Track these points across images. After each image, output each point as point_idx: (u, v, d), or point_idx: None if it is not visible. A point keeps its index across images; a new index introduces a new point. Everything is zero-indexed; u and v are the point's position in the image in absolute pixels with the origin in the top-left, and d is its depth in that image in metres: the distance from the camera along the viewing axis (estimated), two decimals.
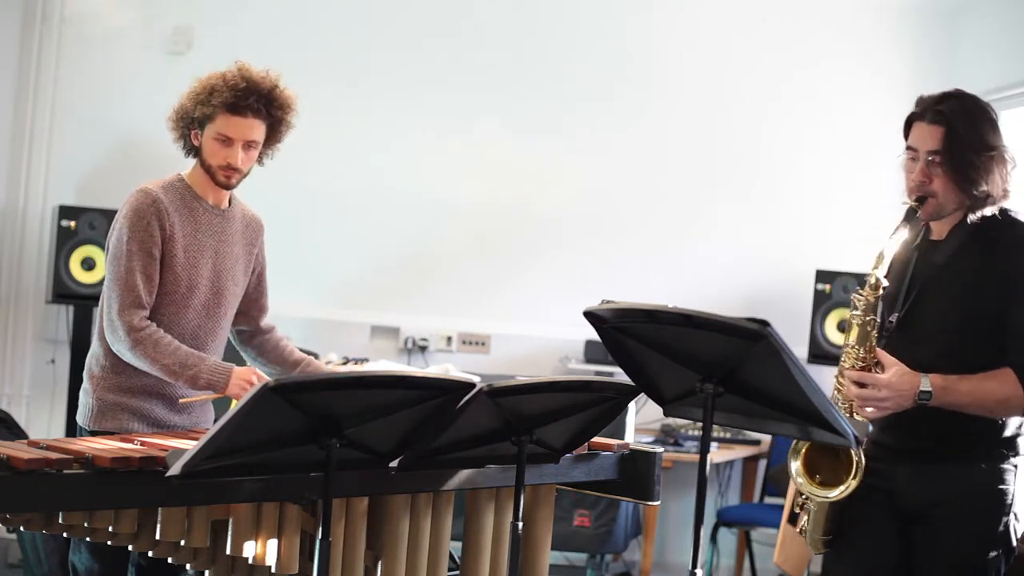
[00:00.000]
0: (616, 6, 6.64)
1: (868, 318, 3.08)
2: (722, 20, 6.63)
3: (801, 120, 6.60)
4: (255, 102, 3.41)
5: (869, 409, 3.03)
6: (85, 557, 3.32)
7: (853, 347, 3.08)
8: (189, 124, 3.47)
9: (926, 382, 2.96)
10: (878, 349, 3.08)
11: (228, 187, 3.51)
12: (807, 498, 3.19)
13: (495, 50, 6.62)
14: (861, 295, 3.09)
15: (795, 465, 3.12)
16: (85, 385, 3.48)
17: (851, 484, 3.04)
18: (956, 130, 3.02)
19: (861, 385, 3.03)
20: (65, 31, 6.53)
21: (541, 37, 6.63)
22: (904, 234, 3.08)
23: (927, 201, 3.06)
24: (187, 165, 3.57)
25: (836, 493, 3.07)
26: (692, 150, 6.62)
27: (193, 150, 3.51)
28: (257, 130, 3.45)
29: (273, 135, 3.52)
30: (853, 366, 3.07)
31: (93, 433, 3.38)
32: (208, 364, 3.37)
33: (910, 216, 3.06)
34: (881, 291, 3.08)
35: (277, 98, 3.47)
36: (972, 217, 3.06)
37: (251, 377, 3.38)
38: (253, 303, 3.71)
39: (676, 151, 6.62)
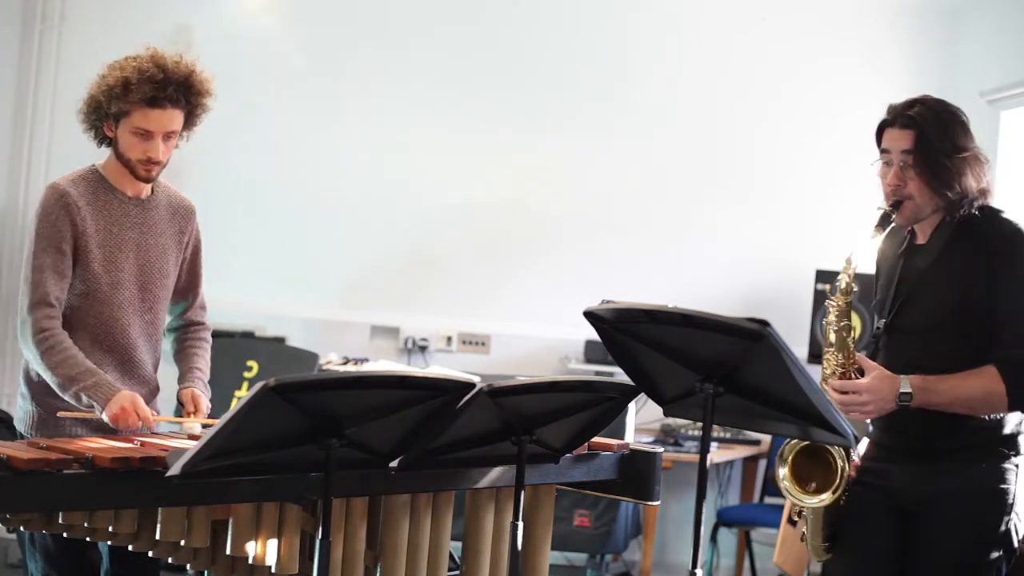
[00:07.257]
0: (616, 6, 6.63)
1: (842, 324, 3.09)
2: (722, 20, 6.63)
3: (801, 120, 6.59)
4: (173, 92, 3.25)
5: (853, 414, 3.05)
6: (40, 564, 3.24)
7: (833, 353, 3.09)
8: (102, 117, 3.32)
9: (905, 384, 2.97)
10: (858, 354, 3.09)
11: (148, 180, 3.34)
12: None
13: (496, 50, 6.62)
14: (833, 302, 3.10)
15: (782, 471, 3.13)
16: (23, 391, 3.30)
17: (833, 494, 3.07)
18: (926, 134, 3.02)
19: (843, 392, 3.03)
20: (65, 31, 6.53)
21: (541, 37, 6.63)
22: (878, 240, 3.09)
23: (903, 204, 3.06)
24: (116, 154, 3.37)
25: (816, 501, 3.09)
26: (692, 150, 6.62)
27: (106, 140, 3.35)
28: (176, 120, 3.29)
29: (189, 120, 3.35)
30: (834, 372, 3.08)
31: None
32: (95, 381, 3.13)
33: (884, 221, 3.07)
34: (852, 296, 3.08)
35: (195, 84, 3.29)
36: (952, 217, 3.06)
37: (125, 403, 3.11)
38: (180, 294, 3.49)
39: (676, 151, 6.62)
